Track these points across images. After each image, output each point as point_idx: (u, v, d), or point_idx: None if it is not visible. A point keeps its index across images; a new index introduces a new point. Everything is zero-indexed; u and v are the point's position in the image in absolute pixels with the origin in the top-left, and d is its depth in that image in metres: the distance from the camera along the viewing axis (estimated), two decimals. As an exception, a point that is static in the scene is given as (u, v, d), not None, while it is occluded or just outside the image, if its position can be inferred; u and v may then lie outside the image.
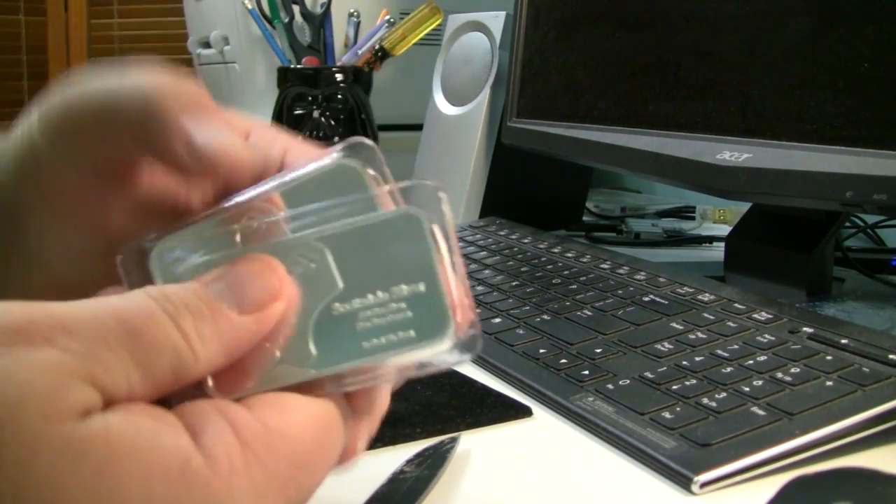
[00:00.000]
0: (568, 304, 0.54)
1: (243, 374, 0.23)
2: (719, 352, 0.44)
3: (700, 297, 0.52)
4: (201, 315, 0.22)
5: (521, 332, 0.51)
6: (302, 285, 0.23)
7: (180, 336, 0.21)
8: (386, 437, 0.38)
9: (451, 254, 0.22)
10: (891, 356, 0.41)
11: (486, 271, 0.64)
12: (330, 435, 0.23)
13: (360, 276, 0.23)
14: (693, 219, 1.00)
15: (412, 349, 0.22)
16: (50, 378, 0.19)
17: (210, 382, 0.22)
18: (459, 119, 0.90)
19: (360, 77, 0.97)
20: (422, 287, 0.22)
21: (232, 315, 0.22)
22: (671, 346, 0.46)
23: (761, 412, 0.38)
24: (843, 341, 0.43)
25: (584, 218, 0.99)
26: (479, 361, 0.49)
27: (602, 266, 0.61)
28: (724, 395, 0.39)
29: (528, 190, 0.92)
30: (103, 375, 0.19)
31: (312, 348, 0.23)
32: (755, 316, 0.48)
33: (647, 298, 0.53)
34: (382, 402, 0.26)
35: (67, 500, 0.18)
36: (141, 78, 0.26)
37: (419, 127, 0.96)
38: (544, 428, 0.41)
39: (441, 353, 0.22)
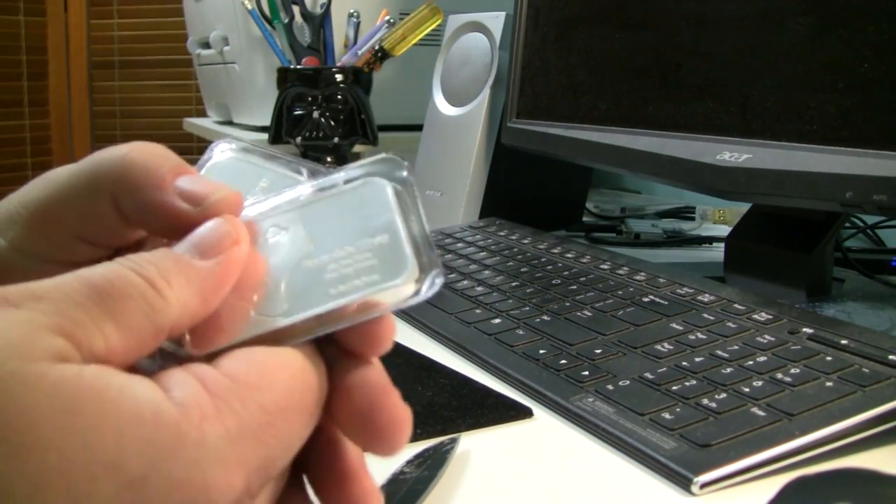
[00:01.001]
0: (568, 304, 0.54)
1: (219, 329, 0.24)
2: (719, 352, 0.44)
3: (700, 297, 0.52)
4: (164, 265, 0.22)
5: (521, 332, 0.51)
6: (275, 251, 0.25)
7: (146, 284, 0.21)
8: (386, 437, 0.38)
9: (411, 208, 0.25)
10: (891, 357, 0.41)
11: (486, 272, 0.64)
12: (301, 381, 0.23)
13: (330, 237, 0.24)
14: (693, 219, 1.00)
15: (376, 290, 0.24)
16: (22, 328, 0.19)
17: (187, 338, 0.23)
18: (459, 119, 0.90)
19: (360, 77, 0.97)
20: (385, 238, 0.24)
21: (195, 261, 0.23)
22: (671, 347, 0.46)
23: (761, 413, 0.38)
24: (843, 342, 0.43)
25: (584, 218, 0.99)
26: (479, 362, 0.49)
27: (602, 266, 0.61)
28: (724, 395, 0.39)
29: (528, 190, 0.92)
30: (74, 328, 0.20)
31: (284, 302, 0.24)
32: (755, 316, 0.48)
33: (646, 299, 0.53)
34: (386, 337, 0.25)
35: (42, 435, 0.18)
36: (107, 150, 0.26)
37: (419, 127, 0.97)
38: (544, 428, 0.41)
39: (402, 291, 0.24)
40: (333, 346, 0.25)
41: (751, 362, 0.42)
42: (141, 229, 0.26)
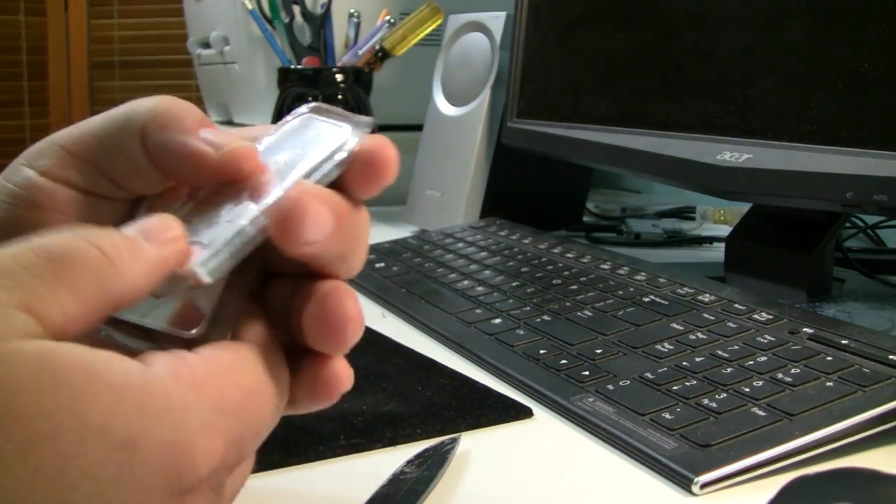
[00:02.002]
0: (568, 304, 0.54)
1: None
2: (719, 352, 0.44)
3: (700, 297, 0.52)
4: (116, 239, 0.23)
5: (521, 332, 0.51)
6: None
7: (97, 251, 0.22)
8: (386, 437, 0.38)
9: (327, 110, 0.29)
10: (891, 357, 0.41)
11: (487, 272, 0.64)
12: (271, 374, 0.25)
13: (284, 158, 0.28)
14: (693, 219, 1.00)
15: (326, 154, 0.28)
16: None
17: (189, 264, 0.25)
18: (459, 119, 0.90)
19: (360, 77, 0.97)
20: (320, 129, 0.29)
21: (141, 242, 0.24)
22: (671, 347, 0.46)
23: (762, 413, 0.38)
24: (844, 342, 0.43)
25: (585, 218, 0.99)
26: (480, 362, 0.49)
27: (602, 266, 0.61)
28: (724, 395, 0.39)
29: (528, 190, 0.92)
30: (35, 302, 0.21)
31: (251, 203, 0.26)
32: (755, 316, 0.48)
33: (647, 299, 0.53)
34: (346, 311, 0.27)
35: (27, 404, 0.19)
36: (140, 100, 0.28)
37: (419, 127, 0.96)
38: (545, 429, 0.41)
39: (351, 138, 0.28)
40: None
41: (751, 362, 0.42)
42: (163, 172, 0.27)
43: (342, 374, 0.28)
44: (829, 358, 0.42)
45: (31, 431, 0.19)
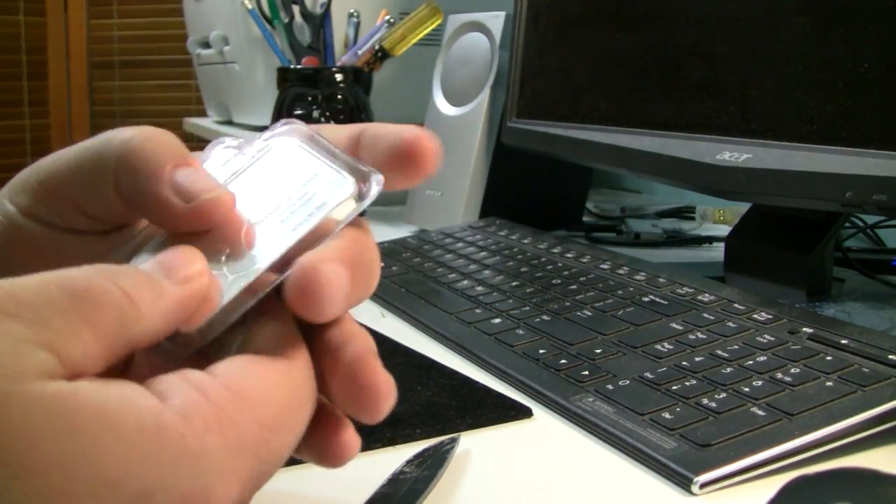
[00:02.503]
0: (568, 304, 0.54)
1: (206, 300, 0.24)
2: (719, 352, 0.44)
3: (700, 297, 0.52)
4: (139, 279, 0.23)
5: (520, 332, 0.51)
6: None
7: (121, 293, 0.22)
8: (386, 437, 0.38)
9: (321, 148, 0.28)
10: (891, 356, 0.41)
11: (486, 272, 0.64)
12: (297, 398, 0.24)
13: (269, 197, 0.27)
14: (693, 219, 1.00)
15: (329, 210, 0.26)
16: (7, 344, 0.19)
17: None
18: (459, 119, 0.90)
19: (359, 77, 0.97)
20: (314, 176, 0.27)
21: (164, 282, 0.23)
22: (671, 347, 0.46)
23: (761, 413, 0.38)
24: (843, 342, 0.43)
25: (584, 218, 0.99)
26: (479, 362, 0.49)
27: (602, 266, 0.61)
28: (723, 395, 0.39)
29: (528, 190, 0.92)
30: (56, 338, 0.20)
31: (252, 253, 0.26)
32: (755, 316, 0.48)
33: (646, 299, 0.53)
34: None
35: (43, 456, 0.18)
36: (118, 131, 0.27)
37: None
38: (544, 428, 0.41)
39: (351, 201, 0.27)
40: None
41: (751, 362, 0.42)
42: (137, 214, 0.27)
43: (353, 443, 0.27)
44: (829, 358, 0.42)
45: (48, 486, 0.18)
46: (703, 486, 0.34)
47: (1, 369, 0.19)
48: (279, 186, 0.27)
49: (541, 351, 0.48)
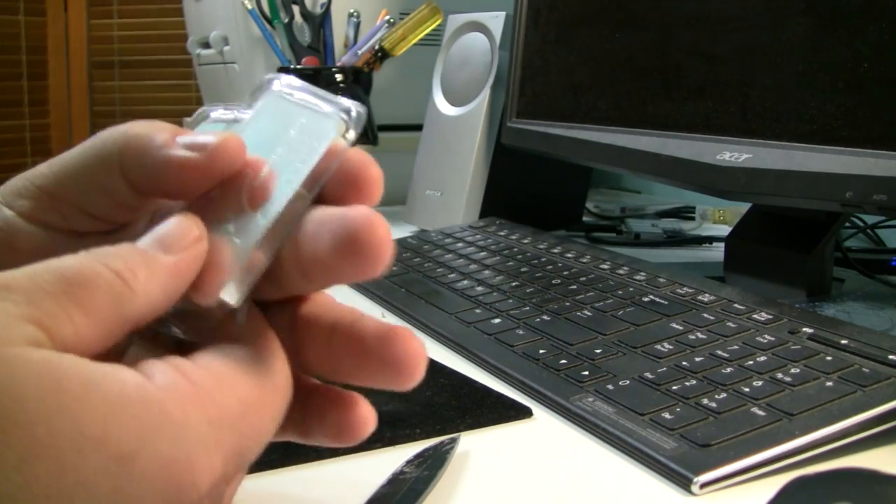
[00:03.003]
0: (568, 304, 0.54)
1: (220, 270, 0.25)
2: (719, 352, 0.44)
3: (700, 297, 0.52)
4: (131, 257, 0.23)
5: (520, 332, 0.51)
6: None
7: (113, 273, 0.22)
8: (386, 437, 0.38)
9: (300, 90, 0.28)
10: (891, 357, 0.41)
11: (486, 272, 0.64)
12: (274, 380, 0.25)
13: (264, 145, 0.27)
14: (693, 219, 1.00)
15: (320, 154, 0.26)
16: None
17: (192, 297, 0.24)
18: (459, 119, 0.90)
19: (359, 77, 0.97)
20: (303, 119, 0.27)
21: (159, 255, 0.23)
22: (671, 347, 0.46)
23: (761, 413, 0.38)
24: (843, 342, 0.43)
25: (584, 218, 0.99)
26: (479, 362, 0.49)
27: (602, 266, 0.61)
28: (724, 395, 0.39)
29: (528, 190, 0.92)
30: (45, 317, 0.20)
31: (255, 215, 0.26)
32: (755, 316, 0.48)
33: (646, 299, 0.53)
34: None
35: (28, 410, 0.19)
36: (112, 128, 0.27)
37: (419, 127, 0.96)
38: (544, 428, 0.41)
39: (339, 139, 0.27)
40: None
41: (751, 362, 0.42)
42: (153, 195, 0.27)
43: (369, 417, 0.28)
44: (829, 358, 0.42)
45: (31, 439, 0.19)
46: (703, 486, 0.34)
47: None
48: (271, 134, 0.27)
49: (541, 351, 0.48)
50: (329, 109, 0.28)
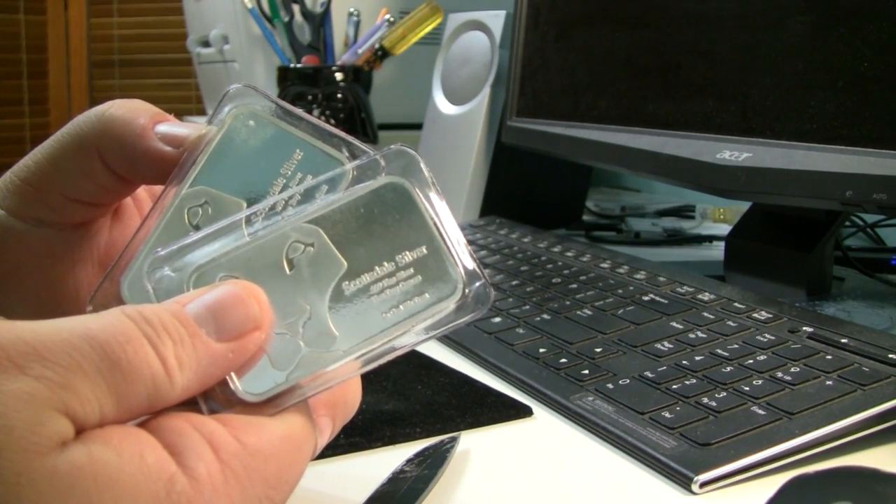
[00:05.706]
0: (568, 303, 0.54)
1: (270, 367, 0.23)
2: (719, 351, 0.44)
3: (700, 296, 0.52)
4: (181, 340, 0.21)
5: (520, 331, 0.51)
6: (307, 269, 0.23)
7: (159, 363, 0.20)
8: (386, 436, 0.38)
9: (439, 212, 0.23)
10: (890, 356, 0.41)
11: (486, 270, 0.64)
12: (302, 453, 0.23)
13: (362, 251, 0.23)
14: (693, 218, 1.00)
15: (429, 310, 0.23)
16: (25, 412, 0.18)
17: (236, 381, 0.22)
18: (459, 118, 0.90)
19: (359, 76, 0.97)
20: (424, 250, 0.23)
21: (211, 342, 0.22)
22: (671, 346, 0.46)
23: (761, 412, 0.38)
24: (843, 341, 0.43)
25: (584, 217, 0.99)
26: (479, 361, 0.49)
27: (602, 265, 0.61)
28: (724, 394, 0.39)
29: (528, 189, 0.92)
30: (76, 405, 0.19)
31: (334, 329, 0.23)
32: (755, 315, 0.48)
33: (646, 298, 0.53)
34: (355, 396, 0.27)
35: None
36: (89, 111, 0.27)
37: (419, 126, 0.96)
38: (544, 428, 0.41)
39: (455, 309, 0.23)
40: None
41: (751, 361, 0.43)
42: (131, 180, 0.27)
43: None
44: (829, 357, 0.42)
45: None
46: (703, 485, 0.34)
47: (16, 442, 0.18)
48: (376, 240, 0.23)
49: (541, 350, 0.48)
50: (452, 266, 0.23)
